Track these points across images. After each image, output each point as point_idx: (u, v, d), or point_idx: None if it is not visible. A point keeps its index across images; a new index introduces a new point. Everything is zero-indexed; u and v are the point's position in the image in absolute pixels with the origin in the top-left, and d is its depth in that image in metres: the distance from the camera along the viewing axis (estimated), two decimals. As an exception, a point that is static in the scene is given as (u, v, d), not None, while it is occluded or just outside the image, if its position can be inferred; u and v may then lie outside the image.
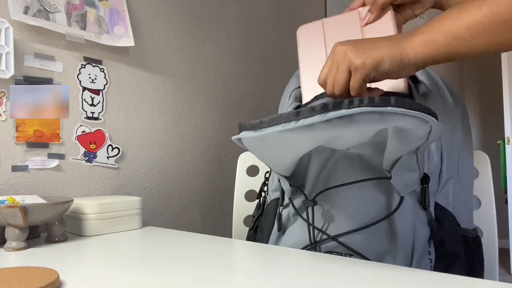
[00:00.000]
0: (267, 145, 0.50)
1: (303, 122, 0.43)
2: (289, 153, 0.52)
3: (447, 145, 0.59)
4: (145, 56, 1.02)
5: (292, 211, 0.63)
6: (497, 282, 0.41)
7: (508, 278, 2.56)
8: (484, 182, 0.72)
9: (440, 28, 0.49)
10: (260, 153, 0.53)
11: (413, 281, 0.42)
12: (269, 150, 0.51)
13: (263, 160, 0.56)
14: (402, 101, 0.42)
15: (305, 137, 0.46)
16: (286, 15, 1.53)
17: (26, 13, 0.78)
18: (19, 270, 0.43)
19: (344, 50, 0.51)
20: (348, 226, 0.56)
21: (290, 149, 0.50)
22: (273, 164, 0.57)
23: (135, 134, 0.99)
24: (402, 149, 0.50)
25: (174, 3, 1.09)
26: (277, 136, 0.47)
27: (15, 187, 0.78)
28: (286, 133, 0.45)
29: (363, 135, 0.48)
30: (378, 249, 0.55)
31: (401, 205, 0.54)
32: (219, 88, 1.23)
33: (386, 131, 0.47)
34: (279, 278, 0.44)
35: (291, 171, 0.60)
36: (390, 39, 0.52)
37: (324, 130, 0.44)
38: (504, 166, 2.64)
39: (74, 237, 0.71)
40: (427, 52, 0.49)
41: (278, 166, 0.57)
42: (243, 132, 0.49)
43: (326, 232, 0.58)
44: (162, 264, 0.51)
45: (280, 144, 0.49)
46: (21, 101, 0.78)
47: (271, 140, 0.48)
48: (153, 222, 1.02)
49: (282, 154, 0.52)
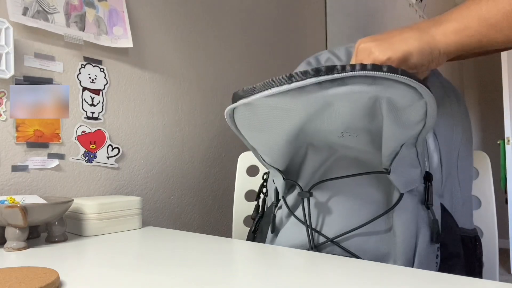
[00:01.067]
0: (259, 119, 0.49)
1: (295, 85, 0.43)
2: (281, 130, 0.50)
3: (446, 144, 0.59)
4: (145, 56, 1.02)
5: (285, 212, 0.61)
6: (497, 282, 0.41)
7: (508, 278, 2.55)
8: (484, 182, 0.72)
9: (474, 14, 0.45)
10: (252, 133, 0.52)
11: (413, 281, 0.42)
12: (261, 126, 0.50)
13: (255, 145, 0.55)
14: (394, 68, 0.41)
15: (297, 106, 0.46)
16: (287, 15, 1.53)
17: (25, 14, 0.78)
18: (19, 270, 0.43)
19: (368, 47, 0.48)
20: (344, 225, 0.55)
21: (281, 123, 0.49)
22: (265, 149, 0.55)
23: (135, 134, 0.99)
24: (399, 134, 0.48)
25: (174, 4, 1.10)
26: (268, 105, 0.46)
27: (15, 187, 0.78)
28: (279, 99, 0.45)
29: (356, 111, 0.46)
30: (377, 251, 0.54)
31: (400, 201, 0.52)
32: (219, 88, 1.23)
33: (380, 111, 0.46)
34: (279, 278, 0.44)
35: (283, 163, 0.58)
36: (416, 28, 0.48)
37: (315, 95, 0.44)
38: (504, 166, 2.64)
39: (74, 237, 0.71)
40: (460, 41, 0.45)
41: (270, 154, 0.55)
42: (237, 102, 0.49)
43: (321, 232, 0.56)
44: (162, 264, 0.51)
45: (272, 115, 0.48)
46: (21, 101, 0.78)
47: (263, 111, 0.48)
48: (153, 222, 1.03)
49: (274, 132, 0.51)
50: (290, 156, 0.58)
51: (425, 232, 0.53)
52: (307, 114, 0.48)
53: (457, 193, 0.60)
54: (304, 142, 0.57)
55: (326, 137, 0.54)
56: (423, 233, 0.53)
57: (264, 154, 0.57)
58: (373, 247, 0.54)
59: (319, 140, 0.56)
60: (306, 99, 0.45)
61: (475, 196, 0.72)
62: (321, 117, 0.49)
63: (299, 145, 0.57)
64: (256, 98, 0.46)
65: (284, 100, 0.45)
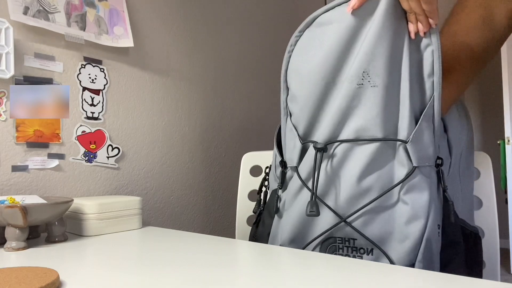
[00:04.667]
0: (314, 41, 0.59)
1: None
2: (325, 50, 0.57)
3: (455, 142, 0.60)
4: (145, 56, 1.02)
5: (298, 185, 0.60)
6: (498, 282, 0.41)
7: (508, 278, 2.55)
8: (486, 183, 0.72)
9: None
10: (298, 61, 0.60)
11: (413, 281, 0.42)
12: (312, 49, 0.59)
13: (293, 86, 0.61)
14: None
15: (343, 17, 0.56)
16: (287, 15, 1.53)
17: (26, 14, 0.78)
18: (19, 270, 0.43)
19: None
20: (352, 195, 0.54)
21: (327, 40, 0.57)
22: (300, 90, 0.60)
23: (135, 134, 0.99)
24: (415, 75, 0.55)
25: (174, 4, 1.09)
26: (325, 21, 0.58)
27: (15, 187, 0.78)
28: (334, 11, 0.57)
29: (382, 35, 0.54)
30: (385, 230, 0.53)
31: (412, 174, 0.53)
32: (219, 88, 1.23)
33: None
34: (279, 278, 0.44)
35: (309, 113, 0.59)
36: None
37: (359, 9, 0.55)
38: (504, 166, 2.64)
39: (74, 237, 0.71)
40: None
41: (302, 96, 0.59)
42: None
43: (331, 208, 0.55)
44: (161, 264, 0.51)
45: (322, 33, 0.58)
46: (21, 101, 0.78)
47: (319, 32, 0.59)
48: (153, 222, 1.02)
49: (319, 52, 0.58)
50: (317, 104, 0.58)
51: (436, 214, 0.53)
52: (338, 29, 0.56)
53: (457, 187, 0.61)
54: (333, 82, 0.57)
55: (349, 81, 0.56)
56: (435, 214, 0.53)
57: (294, 102, 0.60)
58: (379, 225, 0.54)
59: (341, 85, 0.57)
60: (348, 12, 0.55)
61: (476, 196, 0.72)
62: (346, 37, 0.56)
63: (329, 85, 0.58)
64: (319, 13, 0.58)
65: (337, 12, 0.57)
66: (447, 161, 0.59)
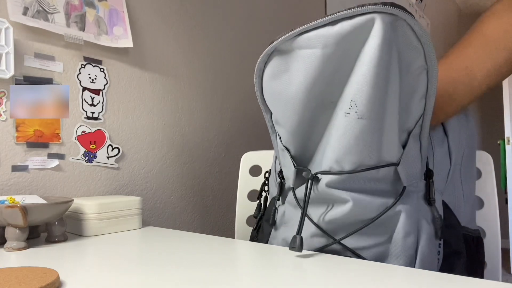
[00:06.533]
0: (284, 65, 0.54)
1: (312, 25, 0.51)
2: (301, 77, 0.53)
3: (455, 145, 0.60)
4: (145, 56, 1.02)
5: (294, 204, 0.60)
6: (498, 282, 0.41)
7: (509, 278, 2.55)
8: (487, 183, 0.72)
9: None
10: (272, 85, 0.56)
11: (413, 281, 0.42)
12: (285, 75, 0.54)
13: (273, 109, 0.57)
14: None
15: (316, 43, 0.51)
16: (287, 15, 1.53)
17: (25, 14, 0.78)
18: (19, 270, 0.43)
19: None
20: (350, 220, 0.54)
21: (303, 68, 0.53)
22: (282, 112, 0.57)
23: (135, 134, 0.99)
24: (405, 86, 0.50)
25: (174, 4, 1.09)
26: (296, 47, 0.53)
27: (15, 187, 0.78)
28: (307, 36, 0.51)
29: (369, 59, 0.49)
30: (377, 250, 0.54)
31: (403, 194, 0.52)
32: (219, 88, 1.23)
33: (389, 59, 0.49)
34: (279, 278, 0.44)
35: (298, 136, 0.57)
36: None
37: (330, 32, 0.50)
38: (504, 166, 2.64)
39: (74, 237, 0.71)
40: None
41: (285, 119, 0.56)
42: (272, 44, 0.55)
43: (326, 232, 0.56)
44: (162, 264, 0.51)
45: (296, 58, 0.53)
46: (21, 101, 0.78)
47: (290, 57, 0.54)
48: (153, 222, 1.02)
49: (294, 79, 0.54)
50: (306, 130, 0.56)
51: (427, 228, 0.53)
52: (324, 55, 0.50)
53: (459, 192, 0.60)
54: (316, 105, 0.55)
55: (335, 113, 0.54)
56: (425, 229, 0.53)
57: (281, 126, 0.58)
58: (372, 245, 0.54)
59: (328, 117, 0.55)
60: (323, 37, 0.50)
61: (477, 196, 0.72)
62: (333, 63, 0.51)
63: (316, 111, 0.55)
64: (289, 36, 0.52)
65: (309, 37, 0.51)
66: (446, 168, 0.59)
